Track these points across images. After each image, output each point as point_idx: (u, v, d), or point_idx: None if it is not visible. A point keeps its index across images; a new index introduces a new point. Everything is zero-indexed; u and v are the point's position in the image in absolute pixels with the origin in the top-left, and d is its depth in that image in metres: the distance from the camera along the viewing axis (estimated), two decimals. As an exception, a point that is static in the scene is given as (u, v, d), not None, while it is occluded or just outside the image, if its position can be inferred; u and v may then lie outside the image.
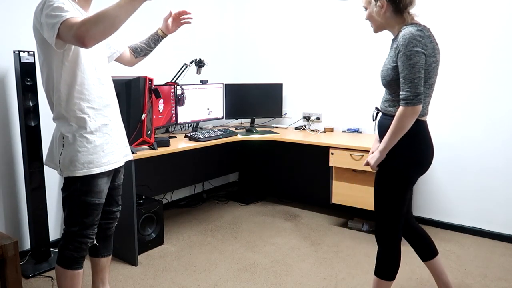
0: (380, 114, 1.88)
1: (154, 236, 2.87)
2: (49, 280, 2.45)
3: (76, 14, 1.56)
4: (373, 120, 1.93)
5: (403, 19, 1.74)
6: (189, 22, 2.12)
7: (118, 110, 1.88)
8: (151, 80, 2.44)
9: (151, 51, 2.14)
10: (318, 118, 3.76)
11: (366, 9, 1.83)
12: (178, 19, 2.10)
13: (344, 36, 3.58)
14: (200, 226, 3.32)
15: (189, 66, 3.30)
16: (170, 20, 2.09)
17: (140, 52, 2.12)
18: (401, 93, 1.67)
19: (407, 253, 2.18)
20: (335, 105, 3.70)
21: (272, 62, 4.06)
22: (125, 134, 1.95)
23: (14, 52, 2.41)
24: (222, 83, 3.81)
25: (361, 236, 3.11)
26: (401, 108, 1.67)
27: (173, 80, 3.30)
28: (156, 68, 3.19)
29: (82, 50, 1.67)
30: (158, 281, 2.45)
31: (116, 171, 1.91)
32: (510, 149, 2.95)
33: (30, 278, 2.46)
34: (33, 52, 2.44)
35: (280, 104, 3.86)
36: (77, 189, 1.72)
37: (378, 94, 3.46)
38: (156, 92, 2.47)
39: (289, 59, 3.95)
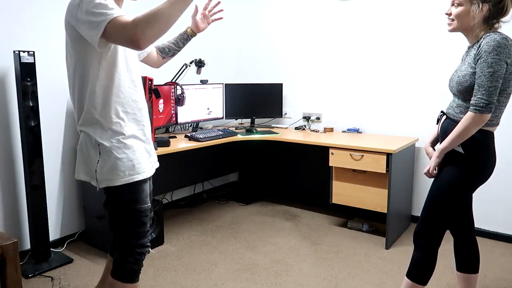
0: (444, 118, 1.83)
1: (154, 236, 2.87)
2: (49, 280, 2.45)
3: (122, 12, 1.38)
4: (437, 124, 1.88)
5: (490, 26, 1.64)
6: (221, 18, 1.94)
7: (148, 114, 1.73)
8: (151, 80, 2.44)
9: (179, 51, 2.00)
10: (318, 118, 3.76)
11: (457, 5, 1.67)
12: (208, 15, 1.93)
13: (344, 36, 3.58)
14: (200, 226, 3.32)
15: (189, 66, 3.30)
16: (199, 17, 1.92)
17: (168, 52, 1.99)
18: (472, 98, 1.61)
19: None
20: (335, 105, 3.70)
21: (272, 62, 4.06)
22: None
23: (14, 52, 2.41)
24: (222, 83, 3.81)
25: (361, 236, 3.11)
26: (469, 113, 1.62)
27: (173, 80, 3.30)
28: (156, 68, 3.17)
29: (119, 50, 1.53)
30: (158, 281, 2.45)
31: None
32: (510, 149, 2.95)
33: (30, 278, 2.45)
34: (33, 52, 2.45)
35: (280, 104, 3.86)
36: (124, 199, 1.59)
37: (377, 94, 3.49)
38: (156, 92, 2.47)
39: (289, 59, 3.95)
